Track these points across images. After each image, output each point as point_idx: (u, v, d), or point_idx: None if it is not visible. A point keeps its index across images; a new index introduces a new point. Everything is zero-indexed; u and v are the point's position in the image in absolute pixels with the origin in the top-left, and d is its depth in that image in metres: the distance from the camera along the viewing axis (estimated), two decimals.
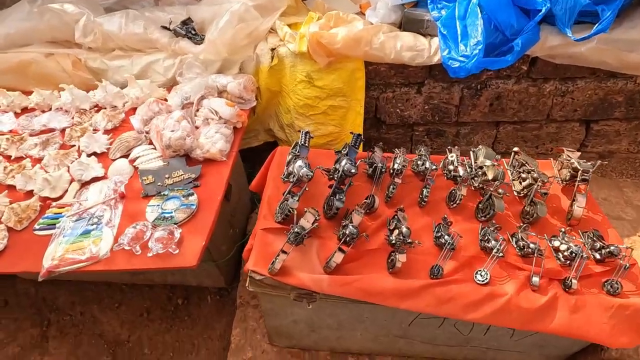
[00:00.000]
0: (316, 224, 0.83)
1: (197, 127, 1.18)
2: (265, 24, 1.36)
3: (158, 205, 0.99)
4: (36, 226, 0.96)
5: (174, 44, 1.36)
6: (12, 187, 1.06)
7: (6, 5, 1.56)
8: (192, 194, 1.00)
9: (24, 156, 1.17)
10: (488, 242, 0.86)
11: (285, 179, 1.02)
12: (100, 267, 0.87)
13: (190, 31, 1.37)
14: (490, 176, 0.95)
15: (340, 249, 0.80)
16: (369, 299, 0.82)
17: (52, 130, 1.25)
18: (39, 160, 1.14)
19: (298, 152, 1.00)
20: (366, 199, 0.96)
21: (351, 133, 1.03)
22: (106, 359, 1.27)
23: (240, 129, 1.23)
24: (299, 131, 1.19)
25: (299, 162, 0.91)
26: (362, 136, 1.05)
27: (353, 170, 0.90)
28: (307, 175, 0.88)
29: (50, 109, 1.34)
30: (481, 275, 0.84)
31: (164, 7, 1.52)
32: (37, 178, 1.05)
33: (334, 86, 1.36)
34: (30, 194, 1.04)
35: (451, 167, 1.01)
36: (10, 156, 1.17)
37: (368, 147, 1.28)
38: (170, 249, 0.88)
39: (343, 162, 0.91)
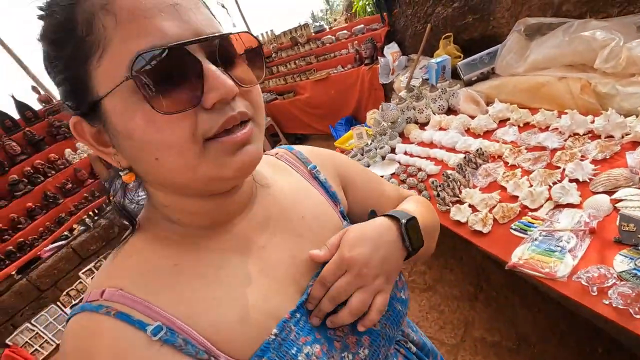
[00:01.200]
0: None
1: None
2: None
3: (632, 258, 0.95)
4: (513, 225, 1.26)
5: None
6: (504, 189, 1.41)
7: (541, 33, 1.89)
8: None
9: (517, 166, 1.49)
10: None
11: None
12: (554, 286, 1.01)
13: None
14: None
15: None
16: None
17: (544, 148, 1.48)
18: (528, 172, 1.41)
19: None
20: None
21: None
22: (511, 345, 1.50)
23: None
24: None
25: None
26: None
27: None
28: None
29: (548, 129, 1.56)
30: None
31: None
32: (524, 188, 1.33)
33: None
34: (515, 198, 1.34)
35: None
36: (508, 163, 1.53)
37: None
38: (631, 308, 0.85)
39: None
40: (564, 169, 1.32)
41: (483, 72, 2.12)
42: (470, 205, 1.41)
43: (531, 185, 1.34)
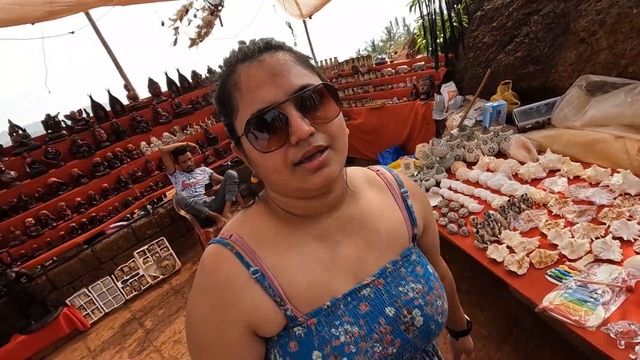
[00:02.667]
0: None
1: None
2: None
3: None
4: (549, 272, 1.30)
5: None
6: (544, 236, 1.45)
7: (603, 91, 1.92)
8: None
9: (561, 216, 1.52)
10: None
11: None
12: (582, 334, 1.05)
13: None
14: None
15: None
16: None
17: (591, 203, 1.50)
18: (571, 224, 1.44)
19: None
20: None
21: None
22: None
23: None
24: None
25: None
26: None
27: None
28: None
29: (598, 185, 1.58)
30: None
31: None
32: (565, 238, 1.37)
33: None
34: (554, 247, 1.38)
35: None
36: (552, 212, 1.57)
37: None
38: None
39: None
40: (608, 226, 1.34)
41: (538, 121, 2.16)
42: (508, 247, 1.47)
43: (573, 237, 1.38)
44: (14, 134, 3.61)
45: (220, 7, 2.92)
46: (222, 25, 3.15)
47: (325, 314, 0.54)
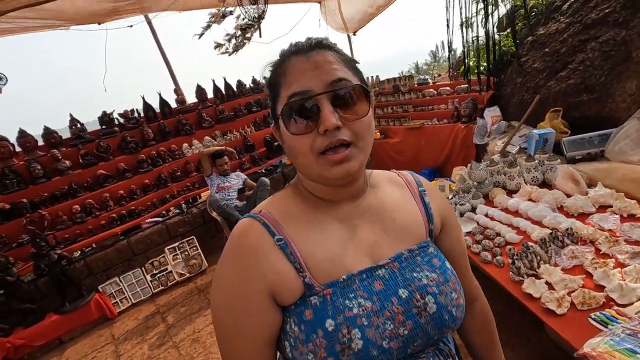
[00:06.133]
0: None
1: None
2: None
3: None
4: (592, 315, 1.18)
5: None
6: (589, 275, 1.33)
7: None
8: None
9: (611, 256, 1.39)
10: None
11: None
12: None
13: None
14: None
15: None
16: None
17: None
18: (622, 265, 1.31)
19: None
20: None
21: None
22: None
23: None
24: None
25: None
26: None
27: None
28: None
29: None
30: None
31: None
32: (614, 280, 1.24)
33: None
34: (600, 288, 1.26)
35: None
36: (600, 250, 1.44)
37: None
38: None
39: None
40: None
41: (590, 153, 2.02)
42: (546, 283, 1.36)
43: (623, 279, 1.25)
44: (73, 127, 3.93)
45: (260, 20, 3.06)
46: (260, 36, 3.30)
47: (340, 286, 0.57)
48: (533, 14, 2.87)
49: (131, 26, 4.25)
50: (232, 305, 0.56)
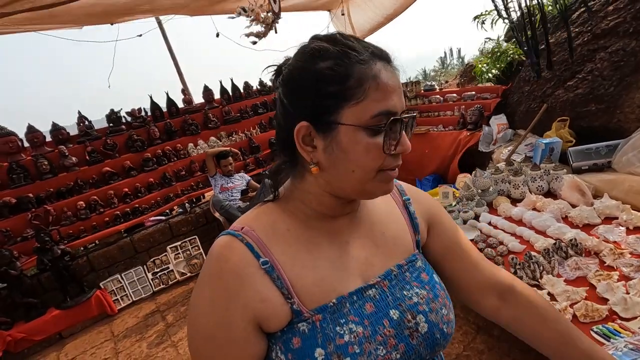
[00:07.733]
0: None
1: None
2: None
3: None
4: (595, 328, 1.16)
5: None
6: (593, 287, 1.31)
7: None
8: None
9: (615, 268, 1.37)
10: None
11: None
12: None
13: None
14: None
15: None
16: None
17: None
18: (627, 279, 1.29)
19: None
20: None
21: None
22: None
23: None
24: None
25: None
26: None
27: None
28: None
29: None
30: None
31: None
32: (618, 293, 1.22)
33: None
34: (604, 301, 1.24)
35: None
36: (605, 262, 1.42)
37: None
38: None
39: None
40: None
41: (597, 164, 2.00)
42: (549, 293, 1.34)
43: (628, 293, 1.23)
44: (81, 124, 3.97)
45: (278, 19, 3.09)
46: (276, 33, 3.34)
47: (331, 311, 0.53)
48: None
49: (140, 35, 4.30)
50: (211, 337, 0.52)
